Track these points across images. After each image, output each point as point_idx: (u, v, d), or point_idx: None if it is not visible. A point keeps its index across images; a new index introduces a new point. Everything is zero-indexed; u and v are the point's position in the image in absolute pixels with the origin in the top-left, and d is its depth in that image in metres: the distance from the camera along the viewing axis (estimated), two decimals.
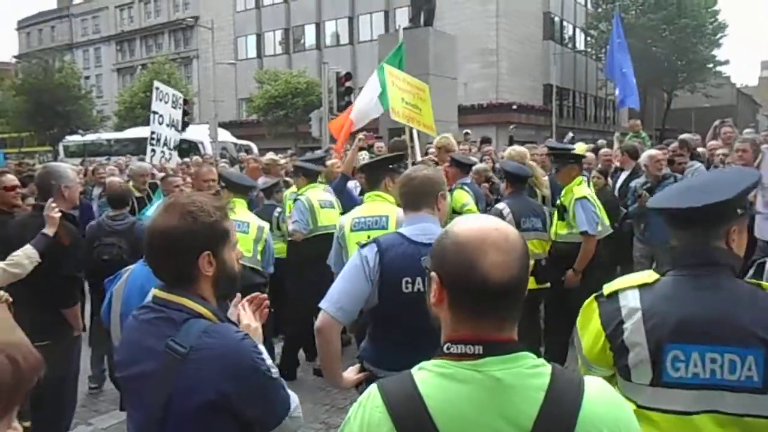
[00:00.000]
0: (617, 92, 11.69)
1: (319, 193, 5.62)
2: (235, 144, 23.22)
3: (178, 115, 7.56)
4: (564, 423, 1.10)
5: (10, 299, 2.58)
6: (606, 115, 42.84)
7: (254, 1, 42.38)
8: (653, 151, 6.39)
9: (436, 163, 5.81)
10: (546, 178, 6.23)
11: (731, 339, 1.58)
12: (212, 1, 43.43)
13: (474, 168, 6.01)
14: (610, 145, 10.09)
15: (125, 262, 4.30)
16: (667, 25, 34.41)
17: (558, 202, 5.18)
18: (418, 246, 2.39)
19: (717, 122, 8.21)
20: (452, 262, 1.16)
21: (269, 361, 1.67)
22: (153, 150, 6.83)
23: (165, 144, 7.15)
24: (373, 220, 3.74)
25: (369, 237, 3.08)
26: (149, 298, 1.71)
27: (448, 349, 1.18)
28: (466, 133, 12.72)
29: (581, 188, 5.02)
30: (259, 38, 42.50)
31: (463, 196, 5.11)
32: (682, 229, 1.72)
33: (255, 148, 23.19)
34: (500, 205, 4.78)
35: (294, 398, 1.69)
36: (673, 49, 35.10)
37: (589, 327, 1.79)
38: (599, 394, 1.15)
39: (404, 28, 11.80)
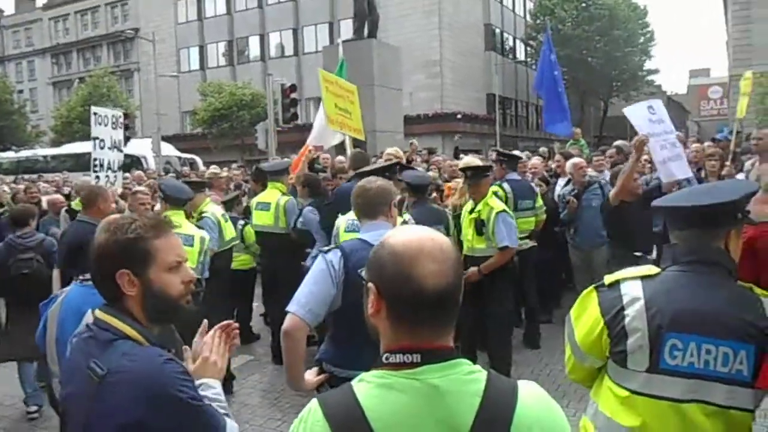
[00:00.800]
0: (544, 109, 11.18)
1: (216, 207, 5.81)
2: (180, 158, 22.79)
3: (119, 134, 7.37)
4: (499, 426, 1.13)
5: None
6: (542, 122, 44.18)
7: (196, 12, 41.75)
8: (576, 159, 6.70)
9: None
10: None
11: (726, 333, 1.69)
12: (153, 13, 42.54)
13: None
14: (550, 153, 10.43)
15: (44, 274, 4.66)
16: (601, 37, 35.84)
17: (473, 215, 5.01)
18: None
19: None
20: (389, 273, 1.17)
21: (215, 389, 1.63)
22: (97, 176, 6.69)
23: (109, 167, 6.99)
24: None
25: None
26: (89, 320, 1.64)
27: (386, 359, 1.19)
28: (412, 143, 12.87)
29: (497, 201, 5.06)
30: (202, 50, 41.86)
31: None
32: (685, 228, 1.82)
33: (200, 162, 22.83)
34: (406, 217, 4.75)
35: (231, 427, 1.58)
36: (607, 60, 36.57)
37: (585, 315, 1.88)
38: (533, 398, 1.19)
39: (347, 41, 11.89)
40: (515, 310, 5.69)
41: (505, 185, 6.01)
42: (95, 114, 7.15)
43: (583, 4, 36.53)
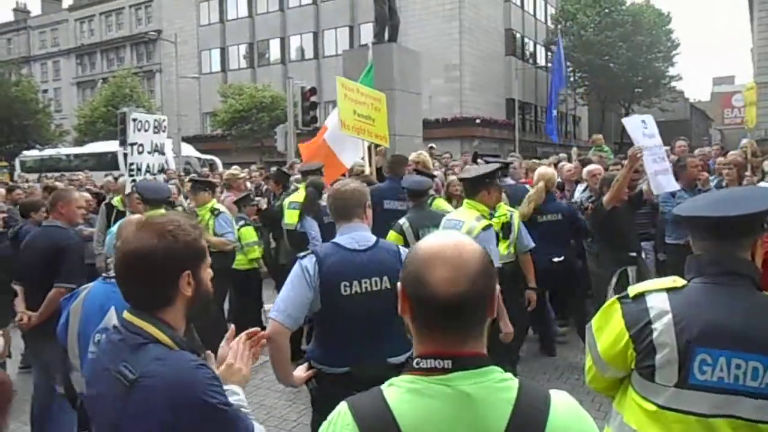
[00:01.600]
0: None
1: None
2: (199, 159, 22.99)
3: (161, 138, 7.35)
4: None
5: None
6: (567, 129, 43.80)
7: (218, 15, 42.19)
8: (592, 167, 6.82)
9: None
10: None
11: (756, 347, 1.65)
12: (175, 14, 43.08)
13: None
14: (569, 159, 10.37)
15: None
16: (624, 42, 35.52)
17: (496, 220, 4.67)
18: (352, 253, 2.67)
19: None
20: (410, 274, 1.19)
21: (239, 396, 1.66)
22: (134, 180, 6.78)
23: (148, 171, 7.04)
24: (455, 222, 4.17)
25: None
26: (113, 318, 1.68)
27: (417, 364, 1.19)
28: (431, 147, 12.88)
29: (506, 207, 4.99)
30: (223, 52, 42.27)
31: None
32: (711, 239, 1.76)
33: (219, 163, 22.99)
34: (401, 221, 4.87)
35: (259, 431, 1.62)
36: (630, 66, 36.22)
37: (608, 327, 1.82)
38: (565, 407, 1.19)
39: (367, 45, 11.92)
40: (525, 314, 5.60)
41: None
42: (134, 120, 7.14)
43: (606, 10, 36.22)
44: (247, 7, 41.07)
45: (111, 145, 17.60)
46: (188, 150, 23.18)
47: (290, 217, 6.24)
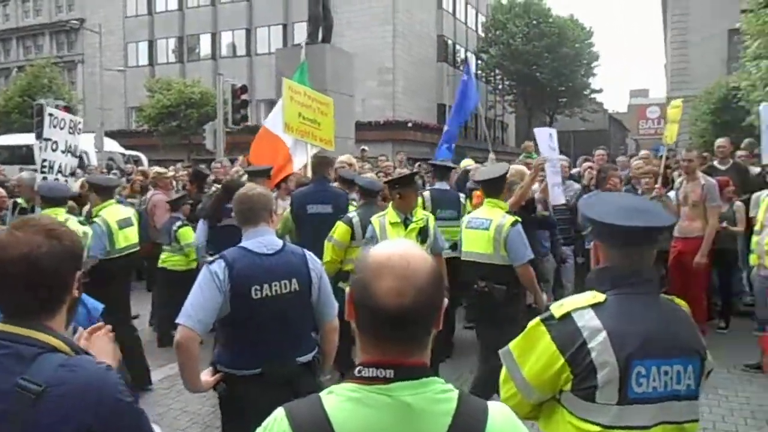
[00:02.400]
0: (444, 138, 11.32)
1: (116, 211, 5.49)
2: (123, 155, 22.08)
3: (76, 140, 7.16)
4: None
5: None
6: (496, 135, 45.06)
7: (146, 6, 40.71)
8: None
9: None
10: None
11: (678, 351, 1.71)
12: (100, 3, 41.19)
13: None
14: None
15: None
16: (550, 53, 36.96)
17: (414, 226, 4.78)
18: (261, 257, 2.72)
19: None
20: (356, 282, 1.19)
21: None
22: (45, 177, 6.56)
23: (60, 171, 6.81)
24: (481, 221, 4.42)
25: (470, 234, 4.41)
26: None
27: (359, 372, 1.18)
28: (363, 149, 12.97)
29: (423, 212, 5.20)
30: (151, 45, 40.84)
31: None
32: (626, 248, 1.76)
33: (144, 159, 22.20)
34: (351, 214, 5.16)
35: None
36: (555, 75, 37.73)
37: (536, 352, 1.76)
38: (502, 417, 1.21)
39: (300, 44, 11.89)
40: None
41: (426, 193, 6.24)
42: (51, 115, 6.94)
43: (534, 21, 37.58)
44: (177, 0, 39.86)
45: (26, 138, 16.62)
46: (112, 145, 22.20)
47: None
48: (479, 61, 41.77)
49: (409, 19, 34.81)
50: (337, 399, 1.17)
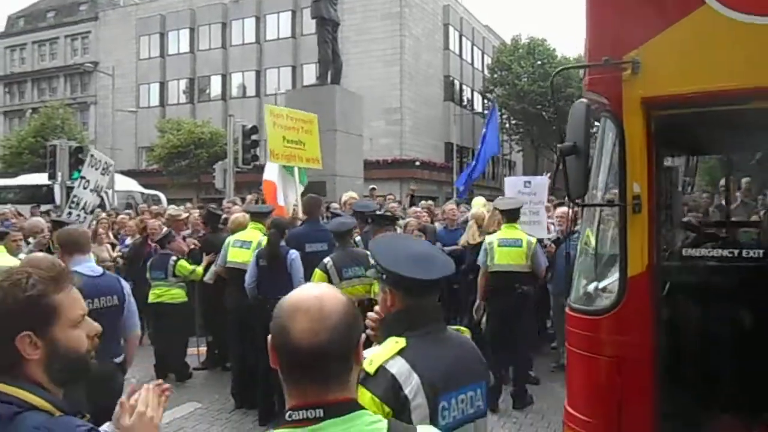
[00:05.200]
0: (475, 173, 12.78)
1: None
2: (143, 194, 22.17)
3: (104, 181, 7.92)
4: None
5: None
6: (503, 173, 45.27)
7: (159, 50, 41.66)
8: (561, 209, 7.71)
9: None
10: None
11: (469, 379, 1.86)
12: (114, 47, 42.22)
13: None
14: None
15: None
16: (555, 93, 37.27)
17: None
18: (91, 278, 3.52)
19: None
20: (274, 326, 1.23)
21: None
22: (70, 212, 7.09)
23: (83, 208, 7.32)
24: (513, 240, 5.98)
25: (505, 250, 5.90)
26: None
27: (290, 416, 1.20)
28: (372, 188, 13.02)
29: None
30: (163, 86, 41.62)
31: None
32: (421, 295, 1.85)
33: (164, 198, 22.29)
34: (326, 260, 5.33)
35: None
36: (560, 115, 38.00)
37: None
38: None
39: (309, 86, 12.08)
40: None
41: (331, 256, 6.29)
42: (92, 156, 7.69)
43: (539, 62, 38.10)
44: (189, 43, 40.78)
45: (45, 178, 16.84)
46: (131, 184, 22.34)
47: (236, 255, 6.07)
48: (485, 101, 42.29)
49: (415, 60, 35.41)
50: None
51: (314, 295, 1.24)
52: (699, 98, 2.71)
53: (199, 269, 6.76)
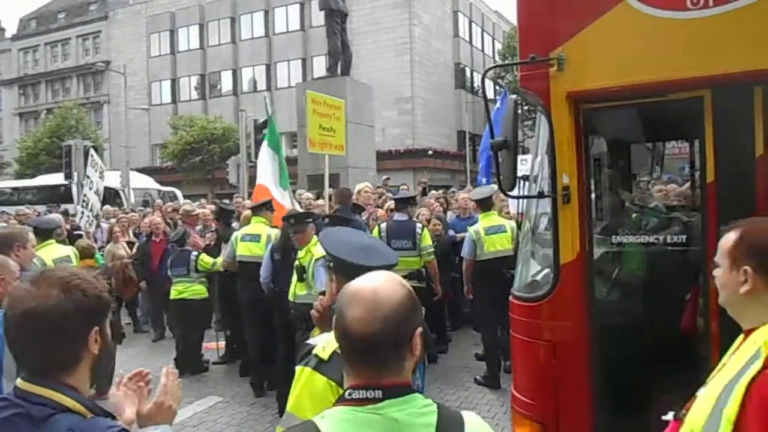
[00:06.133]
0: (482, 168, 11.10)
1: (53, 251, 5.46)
2: (159, 191, 22.34)
3: (102, 185, 8.14)
4: None
5: None
6: None
7: (169, 46, 41.83)
8: None
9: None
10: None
11: None
12: (125, 46, 42.51)
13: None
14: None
15: None
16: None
17: (297, 263, 5.19)
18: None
19: None
20: (336, 309, 1.30)
21: None
22: (82, 213, 7.25)
23: (90, 210, 7.52)
24: (498, 226, 6.23)
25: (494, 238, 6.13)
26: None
27: (350, 395, 1.27)
28: (386, 179, 13.02)
29: (318, 248, 5.11)
30: (174, 83, 41.81)
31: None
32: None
33: (180, 195, 22.46)
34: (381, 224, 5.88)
35: None
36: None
37: (316, 396, 1.78)
38: (476, 425, 1.35)
39: (319, 78, 12.05)
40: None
41: (382, 225, 6.60)
42: (92, 156, 7.84)
43: None
44: (199, 39, 40.89)
45: (62, 178, 17.04)
46: (147, 182, 22.51)
47: (246, 249, 6.22)
48: (497, 88, 41.99)
49: (426, 48, 35.19)
50: (331, 421, 1.26)
51: (372, 285, 1.28)
52: (620, 92, 2.83)
53: (220, 260, 6.85)
